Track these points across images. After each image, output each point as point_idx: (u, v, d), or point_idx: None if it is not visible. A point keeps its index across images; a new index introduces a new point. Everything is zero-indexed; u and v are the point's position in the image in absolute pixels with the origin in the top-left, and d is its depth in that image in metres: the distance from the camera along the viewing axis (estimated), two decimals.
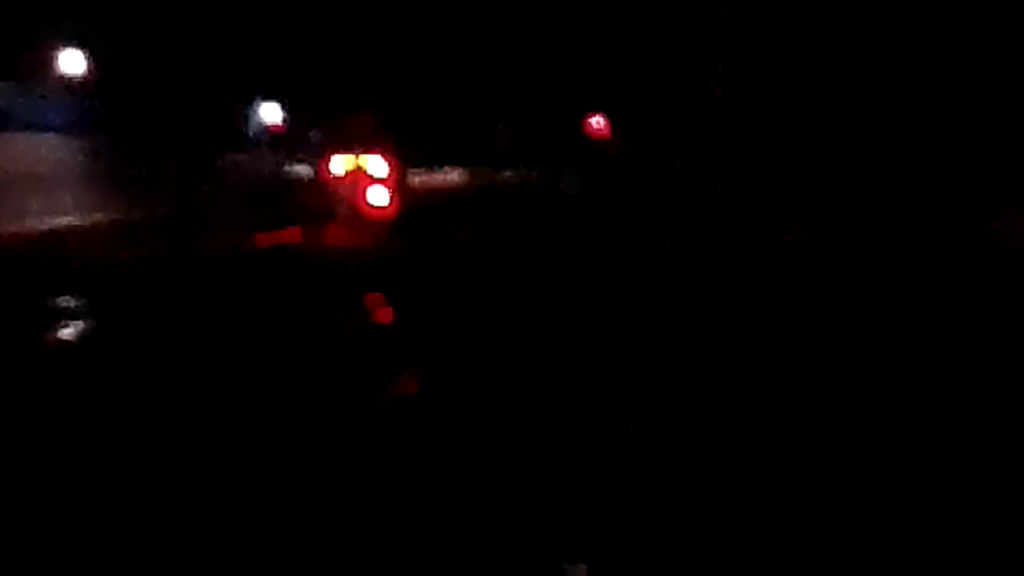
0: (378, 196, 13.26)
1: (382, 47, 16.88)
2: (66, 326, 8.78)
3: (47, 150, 17.38)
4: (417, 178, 14.83)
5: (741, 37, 15.10)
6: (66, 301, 9.75)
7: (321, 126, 17.35)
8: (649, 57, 16.02)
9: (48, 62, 18.40)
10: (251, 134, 19.19)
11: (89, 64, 18.66)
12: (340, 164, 13.79)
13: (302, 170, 16.48)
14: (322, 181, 13.95)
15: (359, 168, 13.51)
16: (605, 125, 17.95)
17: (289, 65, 18.62)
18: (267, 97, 19.29)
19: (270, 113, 19.42)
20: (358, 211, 13.27)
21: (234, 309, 9.46)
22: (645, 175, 15.78)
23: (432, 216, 14.14)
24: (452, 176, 16.13)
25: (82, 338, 8.54)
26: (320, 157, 15.55)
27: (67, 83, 18.45)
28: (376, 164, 13.44)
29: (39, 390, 6.45)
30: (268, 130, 19.31)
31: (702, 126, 15.38)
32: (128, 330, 8.55)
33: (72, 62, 18.65)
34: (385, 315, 9.62)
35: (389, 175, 13.48)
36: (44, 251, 13.50)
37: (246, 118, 19.33)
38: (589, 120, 17.79)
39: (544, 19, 16.49)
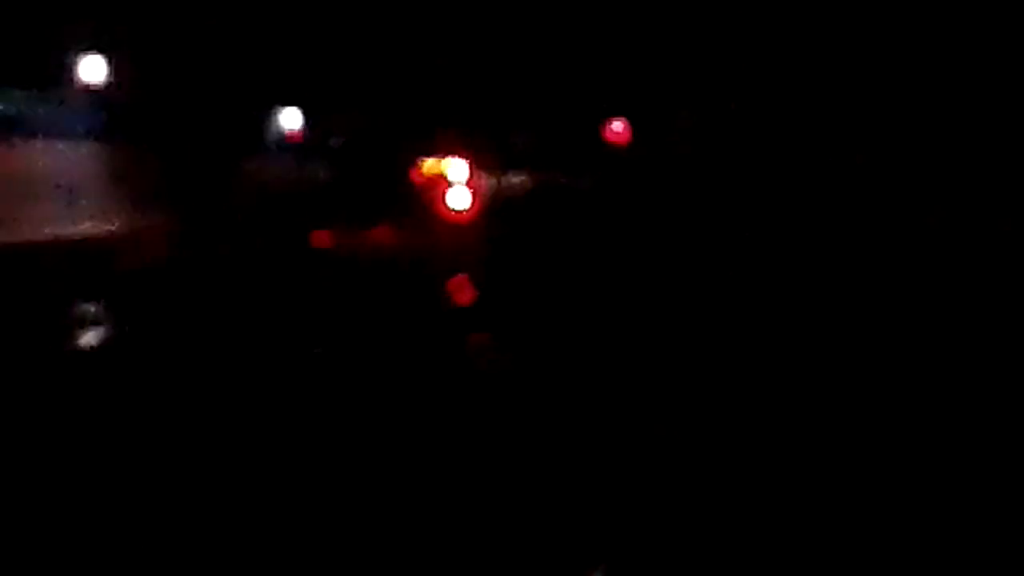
0: (458, 198, 13.88)
1: (407, 54, 17.20)
2: (91, 332, 8.80)
3: (68, 157, 17.23)
4: (490, 181, 15.33)
5: (756, 41, 15.03)
6: (90, 307, 9.77)
7: (351, 133, 17.82)
8: (666, 61, 16.25)
9: (69, 70, 18.45)
10: (272, 140, 19.33)
11: (110, 71, 18.70)
12: (425, 168, 14.40)
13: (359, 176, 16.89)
14: (404, 184, 14.58)
15: (441, 172, 14.08)
16: (625, 129, 18.22)
17: (310, 71, 18.81)
18: (286, 103, 19.43)
19: (290, 119, 19.55)
20: (439, 211, 13.90)
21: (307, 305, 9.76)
22: (663, 177, 16.12)
23: (506, 215, 14.76)
24: (523, 179, 16.58)
25: (113, 343, 8.56)
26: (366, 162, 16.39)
27: (88, 90, 18.50)
28: (457, 168, 14.01)
29: (68, 396, 6.50)
30: (286, 136, 19.47)
31: (717, 129, 15.53)
32: (166, 333, 8.61)
33: (93, 69, 18.70)
34: (463, 304, 10.01)
35: (469, 178, 14.06)
36: (66, 257, 13.46)
37: (267, 124, 19.47)
38: (609, 125, 18.08)
39: (563, 24, 16.77)
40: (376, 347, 8.01)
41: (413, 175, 14.90)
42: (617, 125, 17.79)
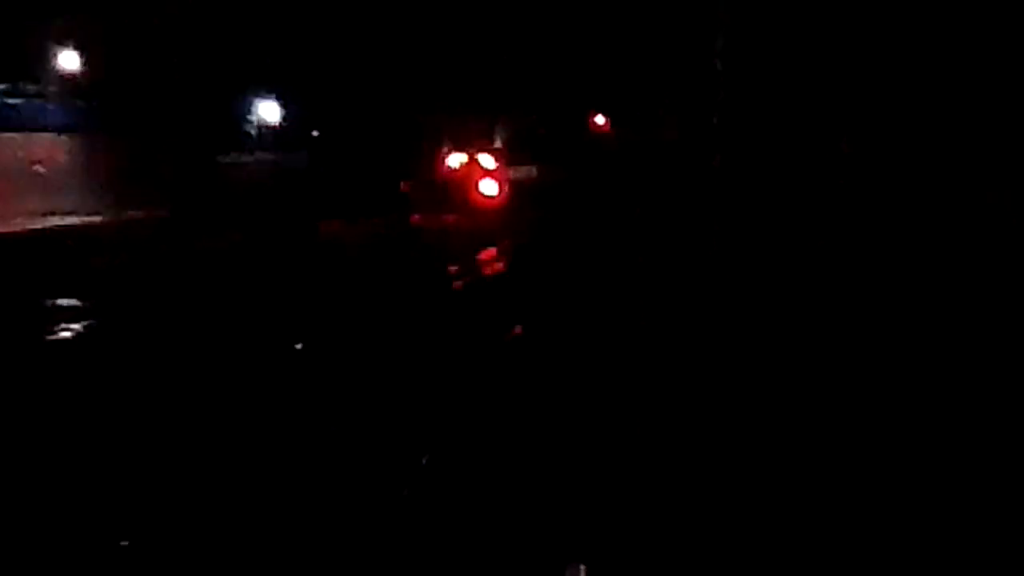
0: (488, 185, 15.28)
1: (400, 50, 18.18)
2: (72, 326, 8.46)
3: (46, 150, 17.05)
4: (513, 172, 16.68)
5: (742, 38, 15.44)
6: (68, 301, 9.47)
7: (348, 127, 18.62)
8: (652, 58, 17.60)
9: (47, 62, 18.23)
10: (253, 132, 19.72)
11: (87, 64, 18.65)
12: (456, 160, 15.74)
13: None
14: (439, 174, 15.86)
15: (473, 163, 15.45)
16: (606, 123, 19.83)
17: (289, 63, 19.27)
18: (264, 95, 19.85)
19: (268, 111, 19.98)
20: (471, 197, 15.26)
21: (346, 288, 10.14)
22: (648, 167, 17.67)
23: (526, 200, 16.16)
24: (533, 171, 18.06)
25: (95, 337, 8.21)
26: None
27: (66, 83, 18.28)
28: (487, 160, 15.43)
29: (49, 391, 6.23)
30: (268, 127, 19.91)
31: (703, 124, 16.73)
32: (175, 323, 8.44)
33: (70, 62, 18.55)
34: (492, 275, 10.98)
35: (497, 168, 15.47)
36: (43, 251, 13.34)
37: (247, 115, 19.81)
38: (592, 118, 19.66)
39: (550, 24, 18.06)
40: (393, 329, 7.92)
41: (442, 166, 16.31)
42: (599, 118, 19.39)
